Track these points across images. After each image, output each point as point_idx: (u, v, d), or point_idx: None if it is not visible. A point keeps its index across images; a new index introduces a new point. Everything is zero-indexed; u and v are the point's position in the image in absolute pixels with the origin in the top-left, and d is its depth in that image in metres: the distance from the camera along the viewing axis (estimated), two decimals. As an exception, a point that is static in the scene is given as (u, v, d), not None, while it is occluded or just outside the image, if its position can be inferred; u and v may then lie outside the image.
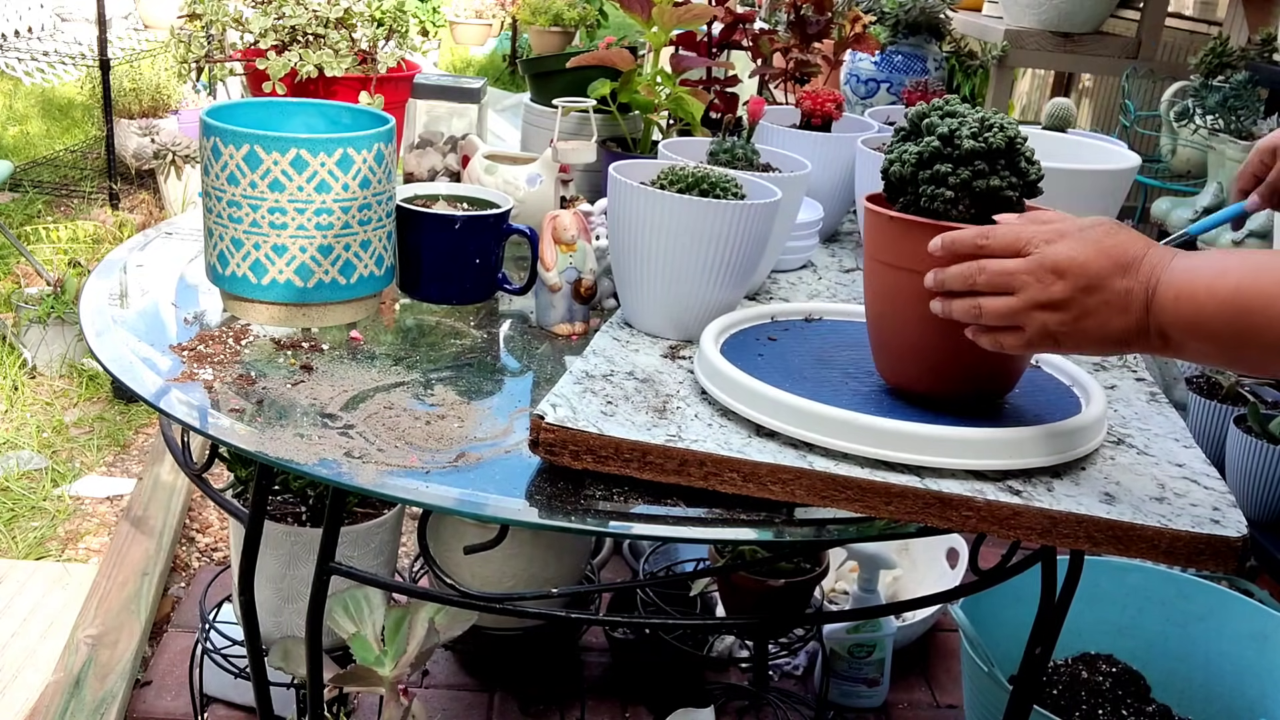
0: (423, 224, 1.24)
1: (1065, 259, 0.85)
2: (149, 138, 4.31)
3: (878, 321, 1.02)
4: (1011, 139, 0.94)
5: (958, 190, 0.93)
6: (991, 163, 0.93)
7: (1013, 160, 0.94)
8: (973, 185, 0.93)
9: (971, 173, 0.93)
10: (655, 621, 1.79)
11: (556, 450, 0.94)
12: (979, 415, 0.98)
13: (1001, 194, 0.93)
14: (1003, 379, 1.00)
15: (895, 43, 3.22)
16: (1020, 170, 0.94)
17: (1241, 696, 1.74)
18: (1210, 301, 0.81)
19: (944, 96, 1.00)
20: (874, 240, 0.99)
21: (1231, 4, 3.25)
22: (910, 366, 1.00)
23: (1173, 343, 0.84)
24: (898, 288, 0.97)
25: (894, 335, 1.00)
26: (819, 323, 1.19)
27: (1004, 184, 0.93)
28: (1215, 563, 0.89)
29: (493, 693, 1.94)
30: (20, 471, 2.56)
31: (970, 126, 0.93)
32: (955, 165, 0.93)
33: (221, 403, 1.03)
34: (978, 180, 0.93)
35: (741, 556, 1.50)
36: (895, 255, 0.96)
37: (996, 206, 0.94)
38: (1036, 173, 0.96)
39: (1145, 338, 0.85)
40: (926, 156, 0.94)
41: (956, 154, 0.93)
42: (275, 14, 1.47)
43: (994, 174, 0.93)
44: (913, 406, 0.99)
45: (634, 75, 1.49)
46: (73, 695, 1.80)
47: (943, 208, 0.94)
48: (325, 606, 1.09)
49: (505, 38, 8.14)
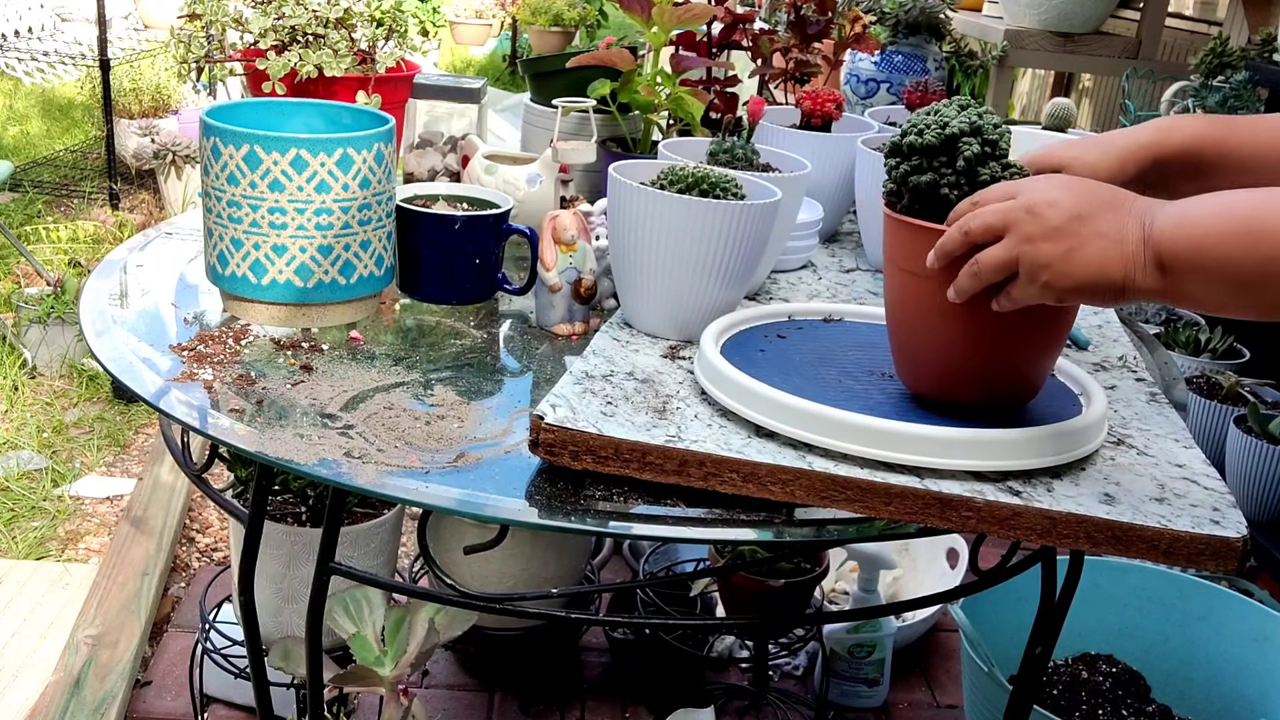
0: (422, 224, 1.24)
1: (1056, 193, 0.84)
2: (149, 138, 4.31)
3: (899, 328, 1.01)
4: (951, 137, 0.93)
5: (898, 183, 0.96)
6: (929, 158, 0.94)
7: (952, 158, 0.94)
8: (909, 180, 0.95)
9: (910, 168, 0.95)
10: (655, 621, 1.79)
11: (556, 450, 0.94)
12: (980, 415, 0.98)
13: (938, 190, 0.94)
14: (1025, 386, 0.99)
15: (895, 43, 3.22)
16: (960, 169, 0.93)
17: (1241, 696, 1.74)
18: (1219, 221, 0.77)
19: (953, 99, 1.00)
20: (891, 246, 0.99)
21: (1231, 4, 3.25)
22: (933, 374, 0.99)
23: (1173, 275, 0.80)
24: (917, 293, 0.96)
25: (916, 342, 0.99)
26: (834, 323, 1.19)
27: (941, 180, 0.94)
28: (1215, 563, 0.89)
29: (493, 693, 1.94)
30: (20, 471, 2.56)
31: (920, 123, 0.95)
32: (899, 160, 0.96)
33: (221, 403, 1.03)
34: (914, 175, 0.95)
35: (741, 556, 1.50)
36: (911, 261, 0.96)
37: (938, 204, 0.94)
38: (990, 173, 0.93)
39: (1141, 272, 0.81)
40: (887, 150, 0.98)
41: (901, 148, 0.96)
42: (275, 14, 1.47)
43: (930, 170, 0.94)
44: (914, 407, 0.99)
45: (634, 75, 1.49)
46: (73, 695, 1.80)
47: (888, 200, 0.97)
48: (325, 606, 1.09)
49: (505, 38, 8.15)
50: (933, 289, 0.93)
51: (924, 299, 0.95)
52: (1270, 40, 2.60)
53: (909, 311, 0.98)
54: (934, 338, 0.96)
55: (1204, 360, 2.52)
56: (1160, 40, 3.36)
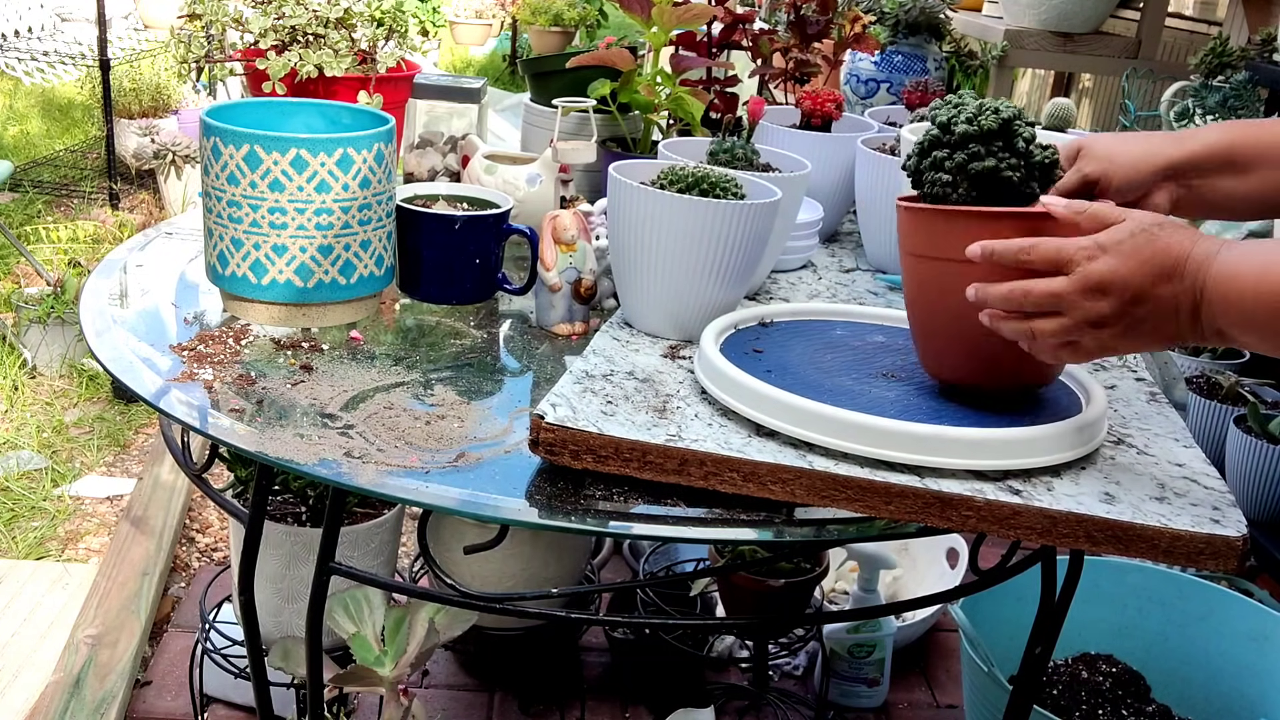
0: (423, 224, 1.24)
1: (1108, 276, 0.85)
2: (149, 138, 4.31)
3: (922, 318, 1.01)
4: (1007, 120, 0.94)
5: (954, 173, 0.95)
6: (986, 144, 0.94)
7: (1010, 141, 0.95)
8: (968, 167, 0.94)
9: (967, 155, 0.94)
10: (655, 621, 1.79)
11: (556, 450, 0.94)
12: (983, 413, 0.98)
13: (1000, 174, 0.94)
14: (1050, 369, 1.00)
15: (895, 43, 3.22)
16: (1019, 151, 0.95)
17: (1241, 696, 1.74)
18: (1257, 302, 0.82)
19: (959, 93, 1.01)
20: (908, 235, 0.99)
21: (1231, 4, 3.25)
22: (959, 361, 0.99)
23: (1229, 338, 0.85)
24: (939, 281, 0.96)
25: (940, 330, 0.99)
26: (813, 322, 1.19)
27: (1001, 164, 0.94)
28: (1215, 562, 0.89)
29: (493, 693, 1.94)
30: (20, 471, 2.56)
31: (967, 112, 0.95)
32: (951, 150, 0.95)
33: (221, 403, 1.03)
34: (973, 163, 0.94)
35: (741, 556, 1.50)
36: (932, 247, 0.96)
37: (997, 187, 0.95)
38: (1044, 154, 0.96)
39: (1200, 335, 0.86)
40: (926, 145, 0.96)
41: (951, 139, 0.95)
42: (275, 14, 1.47)
43: (990, 155, 0.94)
44: (914, 407, 0.99)
45: (634, 75, 1.49)
46: (73, 695, 1.80)
47: (942, 191, 0.96)
48: (325, 606, 1.09)
49: (505, 38, 8.15)
50: (956, 274, 0.93)
51: (949, 286, 0.94)
52: (1270, 40, 2.60)
53: (935, 300, 0.98)
54: (963, 324, 0.95)
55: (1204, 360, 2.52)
56: (1160, 40, 3.36)
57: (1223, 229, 2.29)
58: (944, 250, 0.95)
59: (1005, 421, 0.97)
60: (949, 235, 0.94)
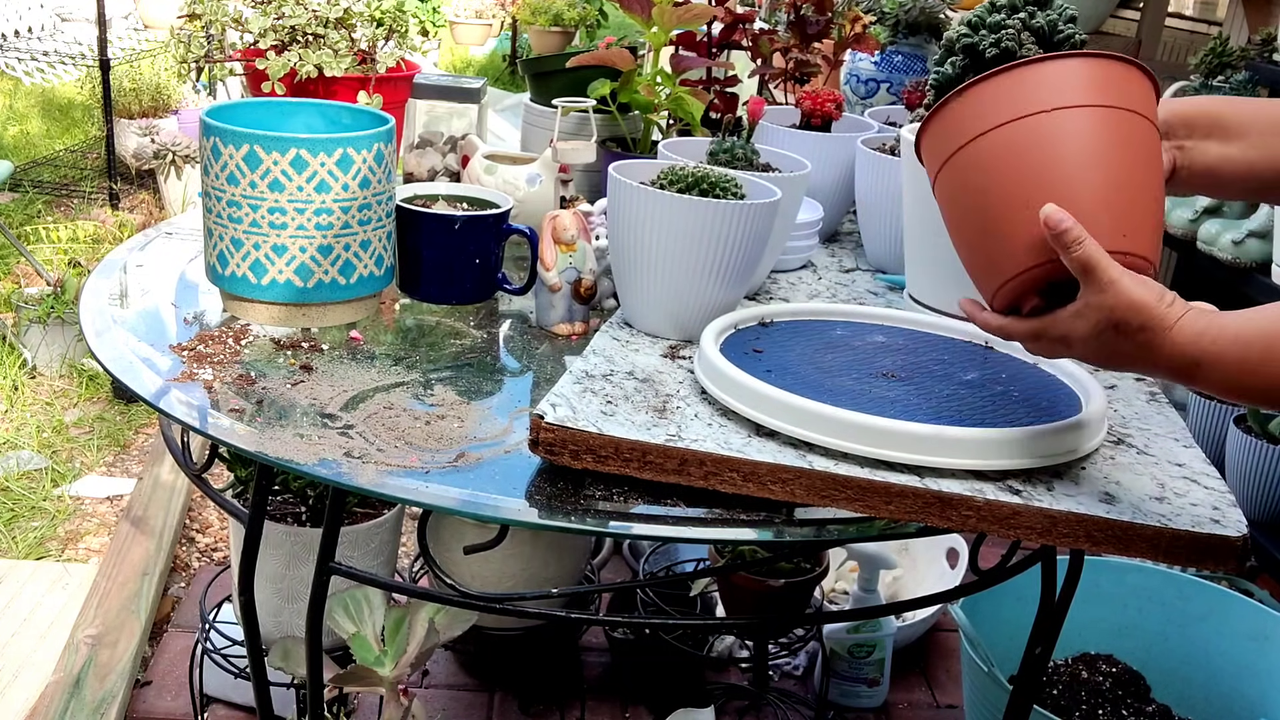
0: (423, 224, 1.24)
1: (1079, 351, 0.88)
2: (149, 138, 4.31)
3: (985, 215, 0.88)
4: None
5: (1018, 29, 0.97)
6: (1041, 5, 0.97)
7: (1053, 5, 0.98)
8: (1031, 24, 0.96)
9: (1028, 14, 0.97)
10: (655, 621, 1.79)
11: (556, 450, 0.94)
12: (983, 413, 0.98)
13: (1060, 32, 0.96)
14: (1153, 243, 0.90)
15: (895, 43, 3.21)
16: (1069, 15, 0.98)
17: (1241, 696, 1.74)
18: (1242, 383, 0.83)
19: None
20: (964, 123, 0.89)
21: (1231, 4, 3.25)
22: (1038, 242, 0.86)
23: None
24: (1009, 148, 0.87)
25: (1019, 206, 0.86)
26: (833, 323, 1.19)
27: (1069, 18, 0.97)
28: (1215, 563, 0.89)
29: (493, 693, 1.94)
30: (20, 471, 2.56)
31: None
32: (1008, 14, 0.97)
33: (221, 403, 1.03)
34: (1034, 19, 0.97)
35: (741, 556, 1.50)
36: (1011, 109, 0.87)
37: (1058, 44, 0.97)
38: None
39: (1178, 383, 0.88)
40: (975, 22, 0.98)
41: (1007, 5, 0.97)
42: (275, 14, 1.47)
43: (1046, 11, 0.97)
44: (914, 406, 0.99)
45: (634, 75, 1.49)
46: (73, 695, 1.80)
47: (1012, 46, 0.96)
48: (325, 606, 1.09)
49: (505, 38, 8.14)
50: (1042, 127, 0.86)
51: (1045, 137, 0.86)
52: (1270, 40, 2.60)
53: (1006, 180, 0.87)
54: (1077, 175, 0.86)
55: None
56: (1160, 40, 3.36)
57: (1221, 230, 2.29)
58: (1029, 105, 0.87)
59: (1005, 421, 0.97)
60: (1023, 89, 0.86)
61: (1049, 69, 0.87)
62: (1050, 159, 0.86)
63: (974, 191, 0.89)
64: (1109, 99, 0.87)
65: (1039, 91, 0.86)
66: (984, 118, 0.88)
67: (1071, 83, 0.87)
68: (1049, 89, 0.86)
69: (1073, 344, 0.87)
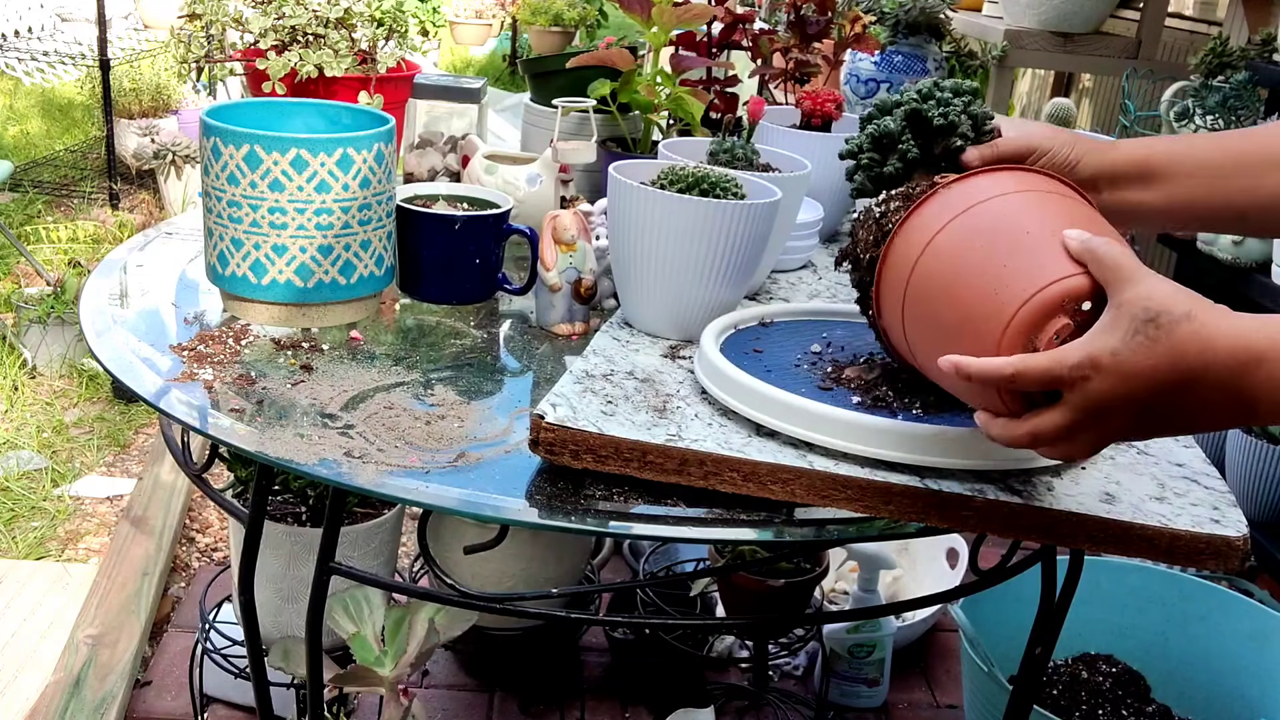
0: (423, 224, 1.24)
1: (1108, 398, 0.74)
2: (149, 138, 4.31)
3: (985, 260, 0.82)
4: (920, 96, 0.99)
5: (961, 112, 0.98)
6: (975, 96, 0.98)
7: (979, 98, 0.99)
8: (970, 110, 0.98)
9: (965, 102, 0.98)
10: (655, 621, 1.79)
11: (556, 450, 0.94)
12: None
13: (987, 125, 0.98)
14: None
15: (895, 43, 3.21)
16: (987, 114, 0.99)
17: (1241, 696, 1.74)
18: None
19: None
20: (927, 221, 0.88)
21: (1231, 4, 3.25)
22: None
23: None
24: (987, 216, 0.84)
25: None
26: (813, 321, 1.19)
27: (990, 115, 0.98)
28: (1215, 563, 0.89)
29: (493, 693, 1.94)
30: (20, 471, 2.56)
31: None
32: (953, 95, 0.98)
33: (221, 403, 1.03)
34: (971, 106, 0.98)
35: (741, 556, 1.50)
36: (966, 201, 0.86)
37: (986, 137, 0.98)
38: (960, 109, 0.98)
39: (1259, 421, 0.75)
40: (926, 91, 0.99)
41: (949, 90, 0.99)
42: (275, 14, 1.47)
43: (979, 103, 0.99)
44: (914, 406, 0.99)
45: (634, 75, 1.49)
46: (73, 695, 1.80)
47: (957, 119, 0.97)
48: (325, 606, 1.09)
49: (505, 38, 8.14)
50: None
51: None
52: (1270, 40, 2.60)
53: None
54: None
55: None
56: (1160, 40, 3.36)
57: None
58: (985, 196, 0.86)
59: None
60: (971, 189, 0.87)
61: (981, 178, 0.89)
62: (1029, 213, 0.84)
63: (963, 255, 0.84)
64: (1047, 188, 0.88)
65: (990, 187, 0.87)
66: (943, 213, 0.87)
67: (1007, 181, 0.88)
68: (992, 185, 0.87)
69: (1101, 364, 0.73)
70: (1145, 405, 0.74)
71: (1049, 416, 0.77)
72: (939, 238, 0.86)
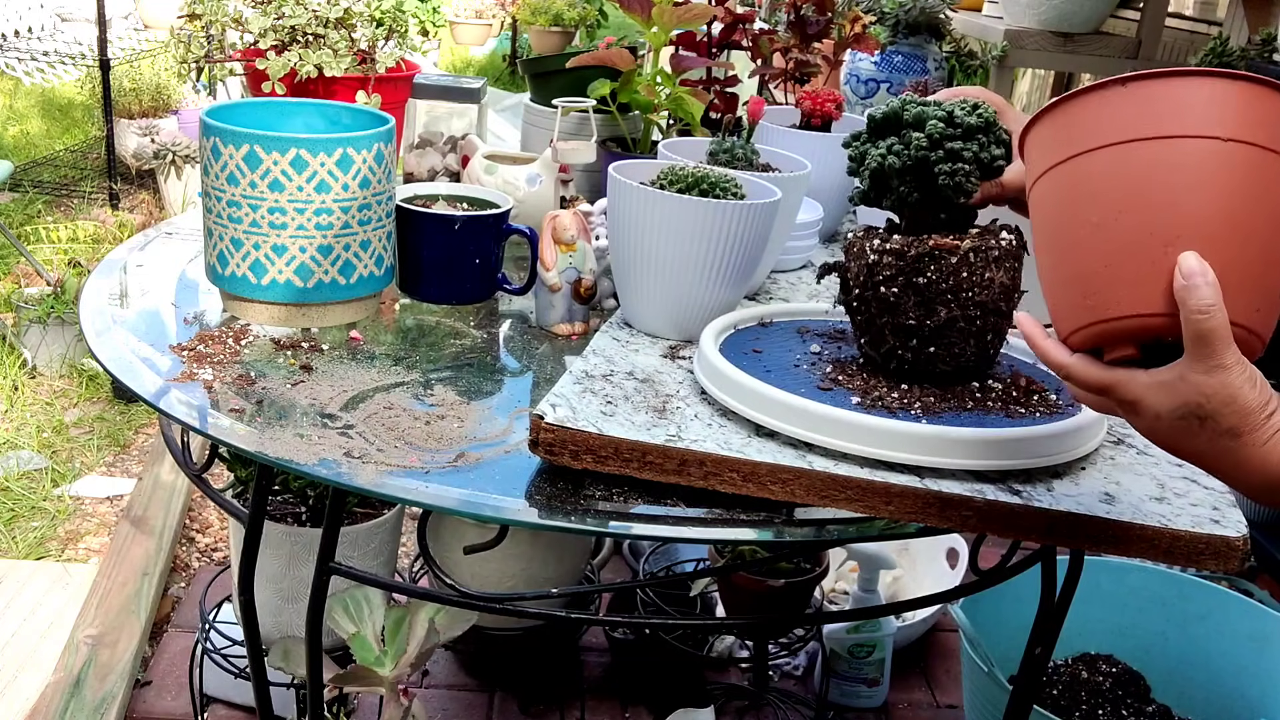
0: (423, 224, 1.24)
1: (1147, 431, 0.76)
2: (149, 138, 4.31)
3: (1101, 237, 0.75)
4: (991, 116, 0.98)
5: (971, 164, 0.96)
6: (989, 135, 0.97)
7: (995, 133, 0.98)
8: (980, 157, 0.96)
9: (979, 145, 0.96)
10: (655, 621, 1.79)
11: (556, 450, 0.94)
12: (983, 413, 0.98)
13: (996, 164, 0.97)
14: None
15: (895, 43, 3.22)
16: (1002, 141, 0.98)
17: (1241, 696, 1.74)
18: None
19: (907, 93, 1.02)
20: (1100, 124, 0.75)
21: (1231, 4, 3.25)
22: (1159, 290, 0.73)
23: None
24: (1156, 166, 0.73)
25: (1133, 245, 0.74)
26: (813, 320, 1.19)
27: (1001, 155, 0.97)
28: (1215, 562, 0.89)
29: (493, 693, 1.94)
30: (20, 471, 2.56)
31: (961, 108, 0.97)
32: (964, 140, 0.96)
33: (221, 403, 1.03)
34: (983, 152, 0.96)
35: (741, 556, 1.50)
36: (1161, 124, 0.73)
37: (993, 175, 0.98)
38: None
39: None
40: (937, 137, 0.96)
41: (962, 130, 0.96)
42: (275, 14, 1.47)
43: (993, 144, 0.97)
44: (914, 406, 0.99)
45: (634, 75, 1.49)
46: (73, 695, 1.80)
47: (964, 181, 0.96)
48: (325, 606, 1.09)
49: (505, 38, 8.15)
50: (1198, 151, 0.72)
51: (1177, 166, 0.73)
52: (1270, 40, 2.60)
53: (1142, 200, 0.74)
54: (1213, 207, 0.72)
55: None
56: (1160, 40, 3.36)
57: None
58: (1185, 126, 0.73)
59: (1005, 422, 0.97)
60: (1175, 104, 0.73)
61: (1200, 89, 0.74)
62: (1203, 195, 0.73)
63: (1097, 204, 0.75)
64: (1270, 141, 0.74)
65: (1194, 111, 0.73)
66: (1127, 126, 0.75)
67: (1231, 113, 0.73)
68: (1203, 114, 0.73)
69: (1142, 413, 0.75)
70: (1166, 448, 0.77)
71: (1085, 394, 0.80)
72: (1109, 154, 0.75)
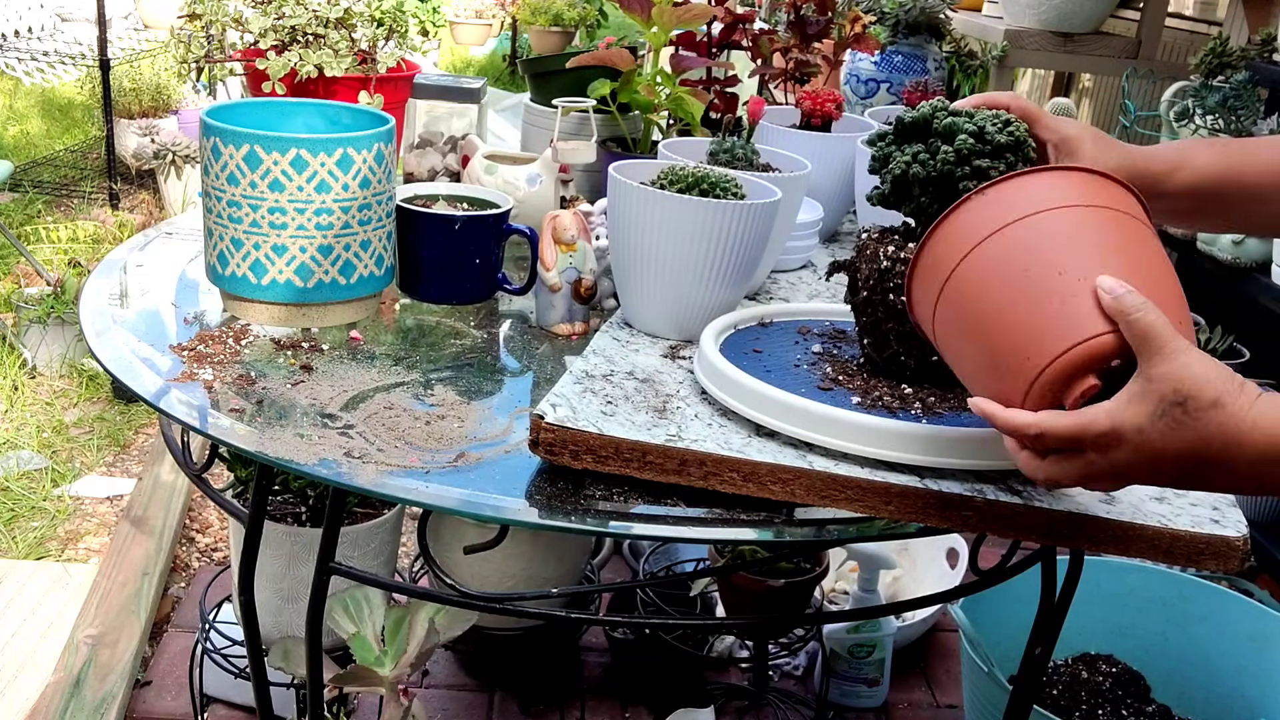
0: (423, 224, 1.24)
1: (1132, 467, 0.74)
2: (149, 138, 4.31)
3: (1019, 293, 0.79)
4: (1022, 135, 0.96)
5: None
6: (1018, 154, 0.95)
7: (1024, 153, 0.96)
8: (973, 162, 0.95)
9: (1006, 165, 0.94)
10: (655, 621, 1.79)
11: (556, 450, 0.94)
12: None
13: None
14: None
15: (895, 43, 3.22)
16: (1029, 159, 0.96)
17: (1241, 697, 1.74)
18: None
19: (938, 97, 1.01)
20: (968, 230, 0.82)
21: (1231, 4, 3.25)
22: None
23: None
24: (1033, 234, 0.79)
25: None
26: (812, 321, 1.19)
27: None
28: (1215, 562, 0.89)
29: (493, 693, 1.94)
30: (20, 471, 2.56)
31: (993, 123, 0.95)
32: (992, 159, 0.94)
33: (221, 403, 1.03)
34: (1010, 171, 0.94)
35: (741, 556, 1.50)
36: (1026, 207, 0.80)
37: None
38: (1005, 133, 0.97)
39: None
40: (966, 153, 0.95)
41: (991, 149, 0.94)
42: (275, 14, 1.47)
43: (1021, 163, 0.95)
44: (914, 406, 0.99)
45: (634, 75, 1.49)
46: (73, 695, 1.80)
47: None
48: (325, 606, 1.09)
49: (505, 38, 8.15)
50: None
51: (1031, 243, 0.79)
52: (1270, 40, 2.60)
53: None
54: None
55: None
56: (1160, 40, 3.36)
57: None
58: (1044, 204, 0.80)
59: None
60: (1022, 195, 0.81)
61: (1038, 180, 0.83)
62: (1085, 241, 0.78)
63: (1003, 281, 0.80)
64: (1115, 204, 0.82)
65: (1046, 194, 0.81)
66: (996, 218, 0.81)
67: (1065, 188, 0.82)
68: (1049, 192, 0.81)
69: (1125, 436, 0.73)
70: (1169, 476, 0.75)
71: (1071, 466, 0.77)
72: (984, 248, 0.81)
